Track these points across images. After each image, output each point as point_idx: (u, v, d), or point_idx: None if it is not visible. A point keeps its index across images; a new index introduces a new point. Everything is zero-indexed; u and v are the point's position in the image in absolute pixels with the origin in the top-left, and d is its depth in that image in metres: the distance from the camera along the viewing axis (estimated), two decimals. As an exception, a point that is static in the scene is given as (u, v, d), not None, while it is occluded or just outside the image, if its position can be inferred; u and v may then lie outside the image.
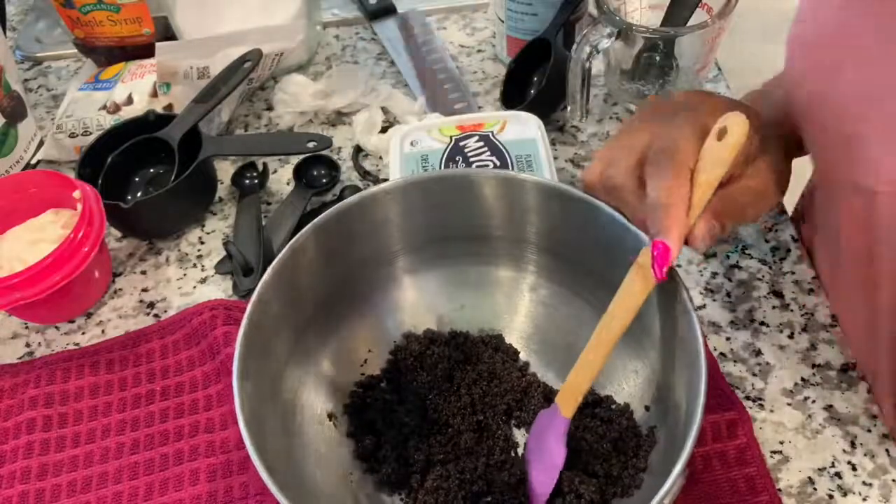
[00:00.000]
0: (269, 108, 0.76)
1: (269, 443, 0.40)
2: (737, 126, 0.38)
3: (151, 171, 0.68)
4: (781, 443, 0.50)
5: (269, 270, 0.45)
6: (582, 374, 0.42)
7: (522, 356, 0.53)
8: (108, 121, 0.70)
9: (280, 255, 0.46)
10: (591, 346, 0.42)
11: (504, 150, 0.60)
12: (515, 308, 0.54)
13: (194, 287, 0.62)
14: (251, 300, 0.43)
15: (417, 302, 0.54)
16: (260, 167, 0.69)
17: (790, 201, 0.61)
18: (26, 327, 0.61)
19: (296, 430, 0.46)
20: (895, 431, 0.49)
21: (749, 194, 0.41)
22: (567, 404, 0.44)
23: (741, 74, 0.79)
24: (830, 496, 0.47)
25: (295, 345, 0.48)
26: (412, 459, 0.47)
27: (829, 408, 0.51)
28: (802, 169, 0.51)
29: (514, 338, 0.54)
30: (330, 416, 0.49)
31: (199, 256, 0.64)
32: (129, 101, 0.71)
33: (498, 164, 0.59)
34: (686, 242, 0.39)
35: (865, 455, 0.49)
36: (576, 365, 0.43)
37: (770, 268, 0.59)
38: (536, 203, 0.49)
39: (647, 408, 0.47)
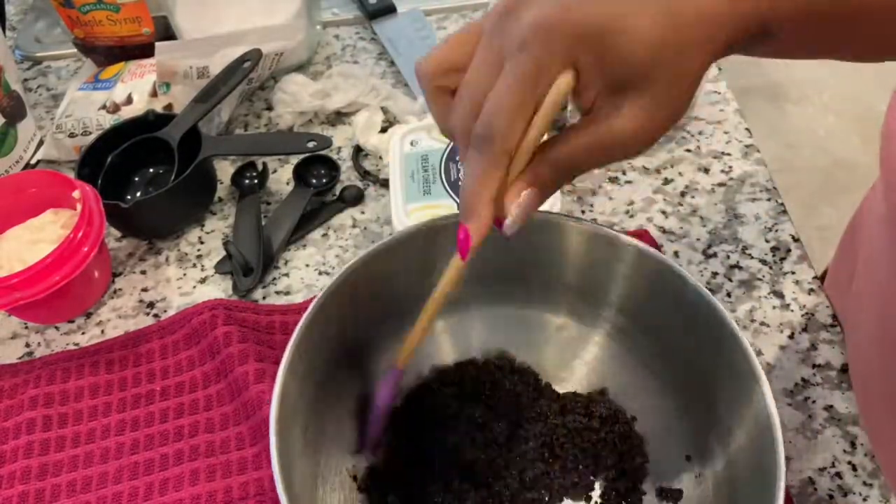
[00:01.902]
0: (269, 108, 0.76)
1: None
2: (557, 88, 0.33)
3: (151, 171, 0.68)
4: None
5: (320, 299, 0.44)
6: (414, 335, 0.42)
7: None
8: (108, 120, 0.70)
9: (329, 287, 0.44)
10: (423, 311, 0.41)
11: (504, 150, 0.60)
12: (570, 362, 0.52)
13: (194, 287, 0.62)
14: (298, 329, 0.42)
15: (465, 338, 0.53)
16: (260, 167, 0.69)
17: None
18: (26, 327, 0.61)
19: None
20: None
21: (588, 146, 0.34)
22: (400, 357, 0.44)
23: (742, 74, 0.79)
24: (831, 496, 0.47)
25: (322, 389, 0.46)
26: None
27: (829, 408, 0.51)
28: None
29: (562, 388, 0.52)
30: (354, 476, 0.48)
31: (199, 256, 0.64)
32: (129, 100, 0.71)
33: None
34: (498, 225, 0.36)
35: (866, 455, 0.49)
36: (413, 329, 0.42)
37: (770, 268, 0.59)
38: (626, 267, 0.47)
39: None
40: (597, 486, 0.47)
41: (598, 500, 0.47)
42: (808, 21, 0.34)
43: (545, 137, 0.35)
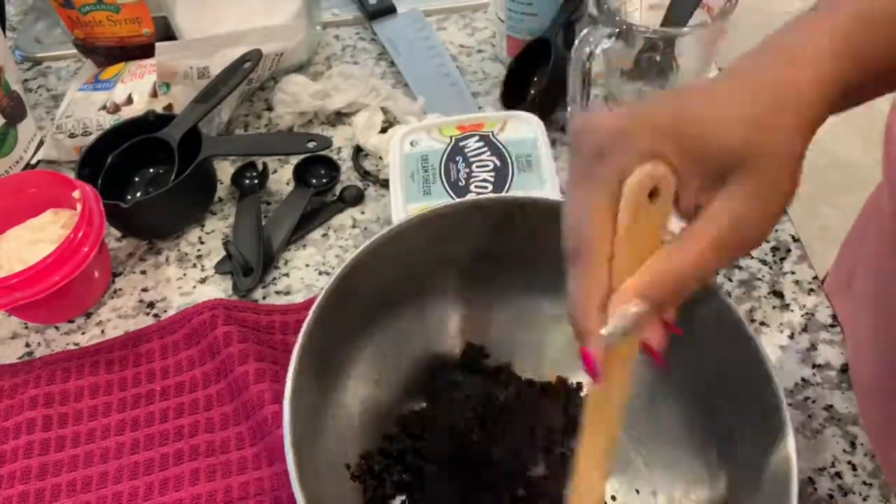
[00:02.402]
0: (269, 109, 0.76)
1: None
2: (639, 172, 0.30)
3: (151, 171, 0.68)
4: (782, 443, 0.50)
5: (335, 278, 0.43)
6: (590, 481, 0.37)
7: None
8: (108, 121, 0.70)
9: (345, 265, 0.44)
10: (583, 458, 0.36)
11: (504, 151, 0.60)
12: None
13: (194, 287, 0.62)
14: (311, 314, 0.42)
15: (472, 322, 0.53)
16: (260, 167, 0.69)
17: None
18: (26, 327, 0.61)
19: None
20: None
21: (701, 248, 0.30)
22: None
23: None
24: (831, 496, 0.47)
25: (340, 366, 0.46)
26: None
27: (829, 408, 0.51)
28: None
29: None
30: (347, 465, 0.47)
31: (199, 256, 0.64)
32: (129, 101, 0.71)
33: (498, 164, 0.59)
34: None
35: (866, 455, 0.49)
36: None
37: (770, 268, 0.59)
38: None
39: None
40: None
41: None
42: (888, 72, 0.33)
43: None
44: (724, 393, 0.44)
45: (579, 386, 0.51)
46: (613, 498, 0.47)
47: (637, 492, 0.47)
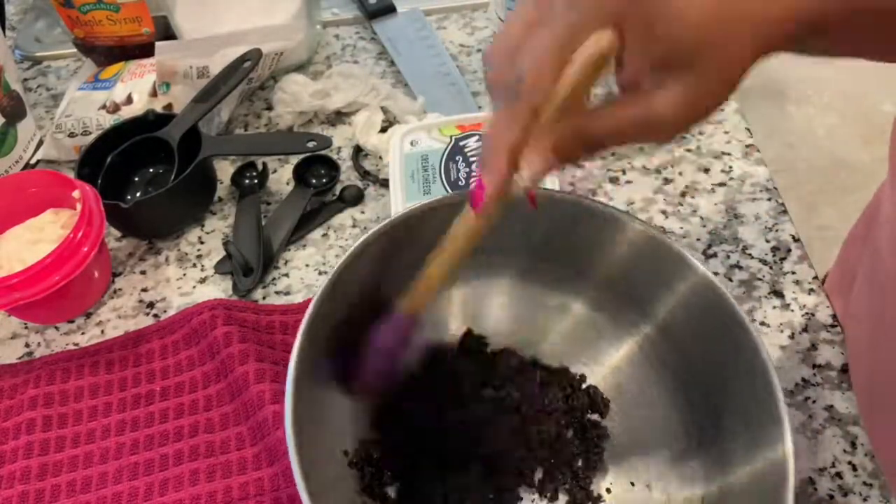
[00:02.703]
0: (269, 108, 0.76)
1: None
2: (596, 43, 0.31)
3: (151, 170, 0.68)
4: (782, 443, 0.50)
5: (340, 265, 0.44)
6: (420, 286, 0.41)
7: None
8: (108, 120, 0.70)
9: (351, 251, 0.44)
10: (431, 263, 0.40)
11: (504, 150, 0.60)
12: (591, 353, 0.53)
13: (194, 287, 0.62)
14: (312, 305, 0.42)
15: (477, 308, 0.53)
16: (260, 167, 0.69)
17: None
18: (26, 327, 0.61)
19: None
20: None
21: (622, 122, 0.33)
22: (406, 304, 0.43)
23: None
24: (831, 496, 0.47)
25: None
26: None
27: (829, 408, 0.51)
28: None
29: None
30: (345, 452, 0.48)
31: (199, 256, 0.64)
32: (129, 100, 0.71)
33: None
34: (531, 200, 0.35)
35: (866, 455, 0.49)
36: (421, 279, 0.41)
37: (770, 268, 0.59)
38: (681, 284, 0.46)
39: None
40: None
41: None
42: (858, 16, 0.32)
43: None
44: (719, 387, 0.44)
45: (582, 377, 0.52)
46: (608, 490, 0.48)
47: (632, 484, 0.48)
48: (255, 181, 0.68)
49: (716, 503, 0.43)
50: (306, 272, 0.62)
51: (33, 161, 0.74)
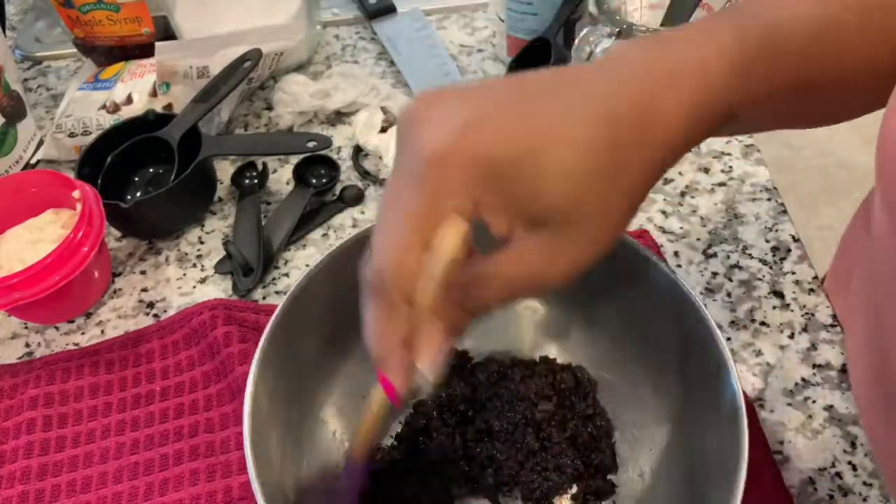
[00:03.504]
0: (269, 108, 0.76)
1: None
2: (447, 238, 0.28)
3: (151, 170, 0.68)
4: (781, 443, 0.50)
5: (302, 280, 0.44)
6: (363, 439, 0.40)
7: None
8: (108, 120, 0.70)
9: (318, 263, 0.45)
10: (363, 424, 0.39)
11: (504, 150, 0.60)
12: (536, 337, 0.54)
13: (194, 287, 0.62)
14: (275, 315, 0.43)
15: None
16: (260, 167, 0.69)
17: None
18: (26, 327, 0.61)
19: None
20: None
21: (502, 288, 0.30)
22: (356, 450, 0.41)
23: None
24: (831, 496, 0.47)
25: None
26: None
27: (829, 408, 0.51)
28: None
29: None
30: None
31: (199, 256, 0.64)
32: (129, 100, 0.71)
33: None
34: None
35: (866, 455, 0.49)
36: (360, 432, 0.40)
37: (770, 268, 0.59)
38: None
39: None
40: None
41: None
42: (772, 98, 0.30)
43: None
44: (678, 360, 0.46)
45: (568, 366, 0.52)
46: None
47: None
48: (255, 181, 0.68)
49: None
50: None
51: (33, 161, 0.74)
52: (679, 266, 0.60)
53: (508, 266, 0.29)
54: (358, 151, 0.71)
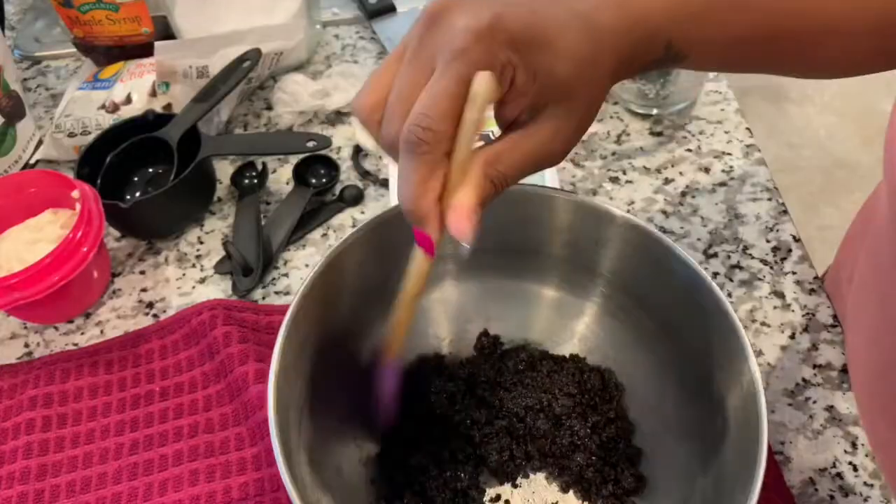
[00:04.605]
0: (269, 108, 0.76)
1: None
2: (480, 86, 0.32)
3: (150, 170, 0.68)
4: (782, 443, 0.50)
5: (319, 266, 0.44)
6: (396, 330, 0.43)
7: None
8: (107, 120, 0.70)
9: (330, 253, 0.45)
10: (399, 307, 0.41)
11: (504, 150, 0.60)
12: (565, 332, 0.53)
13: (193, 287, 0.62)
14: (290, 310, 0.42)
15: (457, 310, 0.54)
16: (259, 167, 0.69)
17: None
18: (25, 327, 0.61)
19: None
20: None
21: (522, 160, 0.35)
22: (390, 351, 0.44)
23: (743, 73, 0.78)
24: (832, 496, 0.47)
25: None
26: None
27: (830, 408, 0.51)
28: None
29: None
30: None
31: (199, 256, 0.64)
32: (128, 100, 0.71)
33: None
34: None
35: (867, 456, 0.49)
36: (393, 323, 0.42)
37: (771, 268, 0.59)
38: (613, 236, 0.48)
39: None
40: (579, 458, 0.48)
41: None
42: (719, 44, 0.36)
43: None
44: (690, 335, 0.45)
45: (597, 368, 0.52)
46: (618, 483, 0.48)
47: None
48: (255, 181, 0.68)
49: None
50: (306, 272, 0.62)
51: (33, 161, 0.74)
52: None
53: (523, 142, 0.35)
54: (358, 151, 0.71)
